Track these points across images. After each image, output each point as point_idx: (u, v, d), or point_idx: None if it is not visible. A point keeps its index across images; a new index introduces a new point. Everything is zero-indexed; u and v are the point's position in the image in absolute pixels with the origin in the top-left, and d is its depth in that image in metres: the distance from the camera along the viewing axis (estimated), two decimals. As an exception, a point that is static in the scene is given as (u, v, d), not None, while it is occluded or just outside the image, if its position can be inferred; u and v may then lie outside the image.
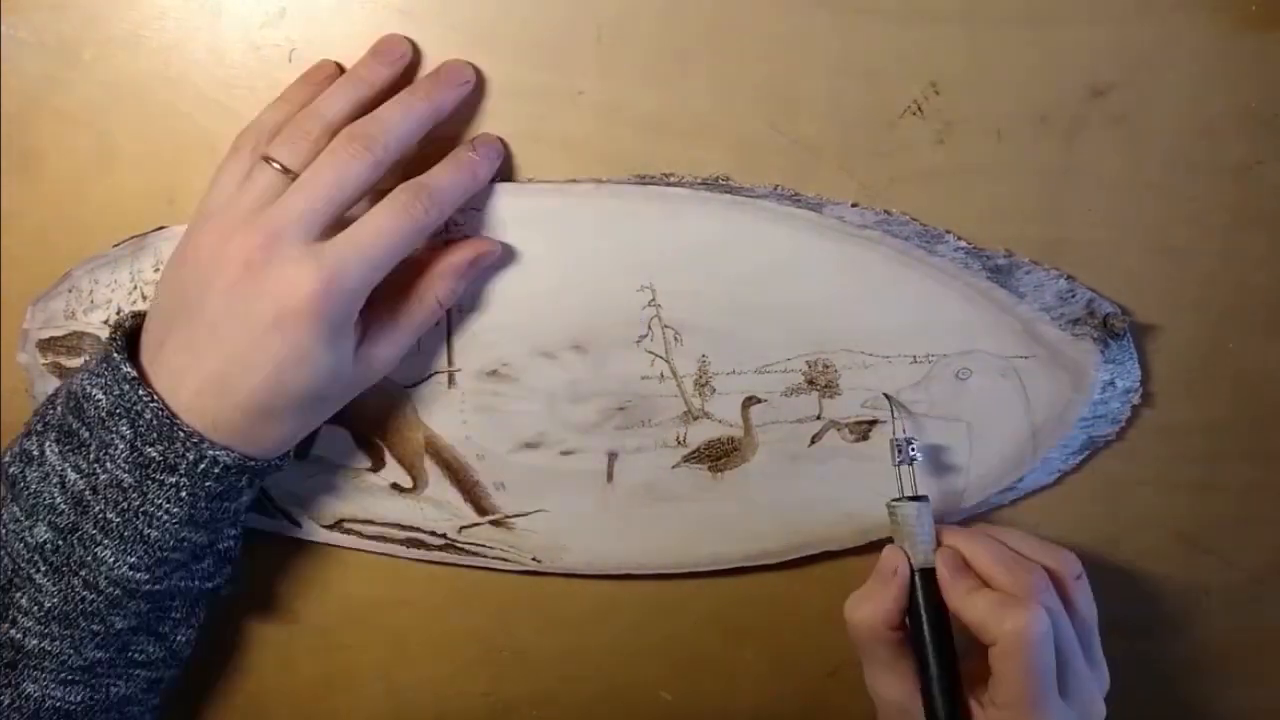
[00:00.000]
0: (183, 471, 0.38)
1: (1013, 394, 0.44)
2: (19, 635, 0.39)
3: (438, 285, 0.41)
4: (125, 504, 0.38)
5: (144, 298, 0.44)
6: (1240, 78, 0.41)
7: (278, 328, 0.36)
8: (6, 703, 0.39)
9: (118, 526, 0.38)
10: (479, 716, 0.52)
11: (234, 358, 0.37)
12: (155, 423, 0.37)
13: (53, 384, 0.46)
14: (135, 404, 0.37)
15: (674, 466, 0.46)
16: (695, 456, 0.46)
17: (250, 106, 0.42)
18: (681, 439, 0.46)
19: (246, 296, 0.36)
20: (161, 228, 0.44)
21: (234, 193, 0.38)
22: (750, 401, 0.45)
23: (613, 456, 0.46)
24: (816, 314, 0.44)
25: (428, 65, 0.42)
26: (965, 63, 0.41)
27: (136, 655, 0.42)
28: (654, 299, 0.44)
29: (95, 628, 0.40)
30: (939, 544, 0.42)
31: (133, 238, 0.44)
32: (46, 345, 0.46)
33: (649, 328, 0.44)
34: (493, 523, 0.48)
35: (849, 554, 0.48)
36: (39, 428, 0.39)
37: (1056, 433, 0.45)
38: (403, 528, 0.48)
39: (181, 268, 0.38)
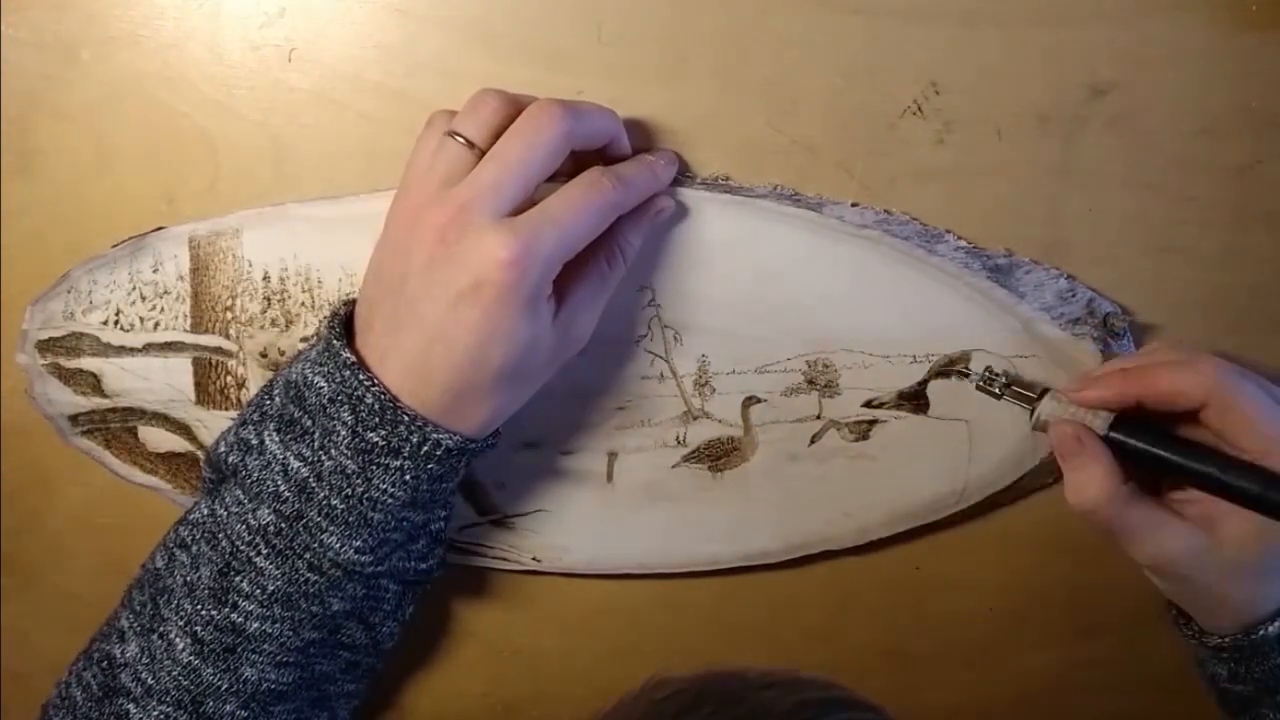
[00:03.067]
0: (406, 455, 0.37)
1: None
2: (240, 619, 0.39)
3: (621, 239, 0.41)
4: (350, 490, 0.37)
5: (143, 298, 0.44)
6: (1240, 77, 0.41)
7: (476, 301, 0.36)
8: (225, 687, 0.39)
9: (343, 513, 0.38)
10: (478, 716, 0.52)
11: (435, 335, 0.36)
12: (377, 407, 0.37)
13: (53, 385, 0.46)
14: (356, 389, 0.37)
15: (674, 466, 0.46)
16: (695, 456, 0.46)
17: (249, 106, 0.42)
18: (681, 439, 0.46)
19: (442, 271, 0.36)
20: (160, 228, 0.44)
21: (425, 170, 0.38)
22: (750, 401, 0.45)
23: (613, 456, 0.46)
24: (816, 314, 0.44)
25: (430, 69, 0.41)
26: (965, 63, 0.41)
27: (345, 638, 0.42)
28: (654, 299, 0.44)
29: (314, 609, 0.39)
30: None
31: (131, 238, 0.44)
32: (45, 346, 0.45)
33: (649, 328, 0.44)
34: (493, 522, 0.47)
35: (849, 553, 0.48)
36: (256, 417, 0.39)
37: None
38: (402, 528, 0.48)
39: (383, 249, 0.38)
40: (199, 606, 0.39)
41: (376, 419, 0.37)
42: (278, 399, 0.39)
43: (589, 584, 0.49)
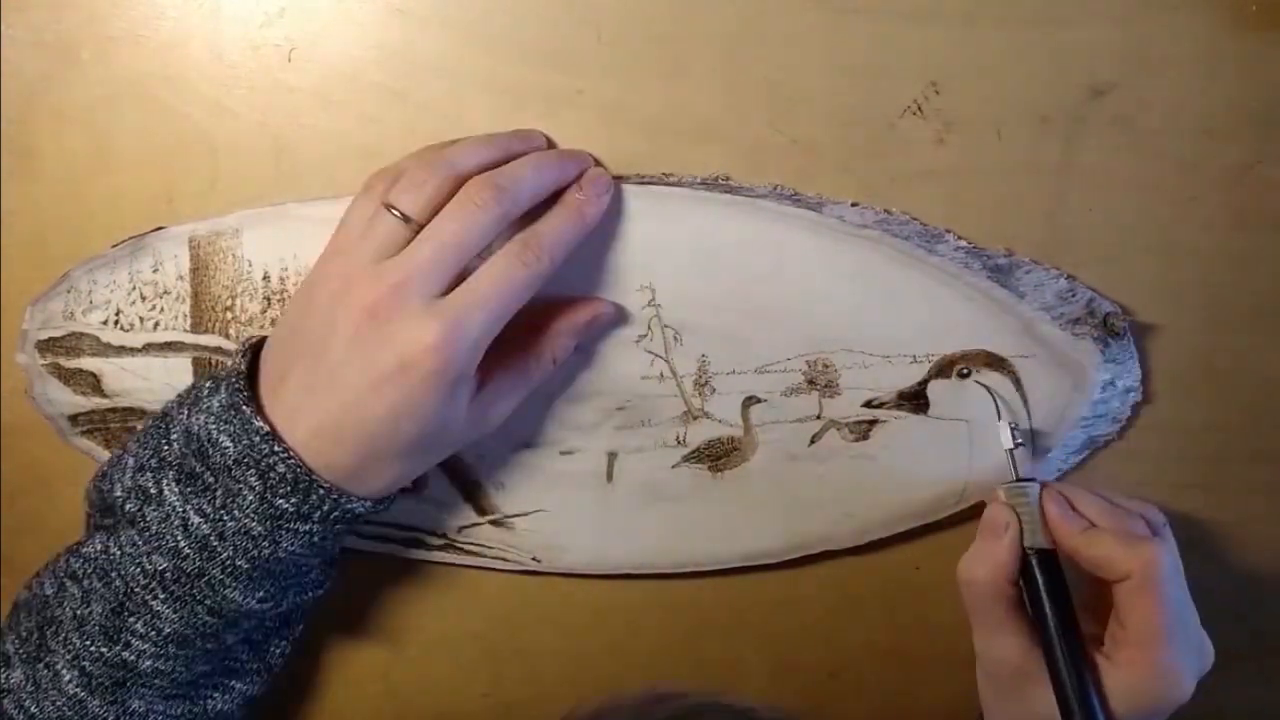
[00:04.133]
0: (316, 520, 0.38)
1: (1013, 393, 0.44)
2: (132, 657, 0.39)
3: (554, 343, 0.42)
4: (255, 552, 0.38)
5: (143, 298, 0.44)
6: (1241, 78, 0.41)
7: (397, 380, 0.36)
8: (111, 718, 0.39)
9: (246, 571, 0.38)
10: (479, 716, 0.52)
11: (351, 404, 0.37)
12: (290, 477, 0.37)
13: (53, 385, 0.46)
14: (267, 457, 0.37)
15: (674, 466, 0.46)
16: (695, 456, 0.46)
17: (249, 106, 0.42)
18: (681, 439, 0.46)
19: (368, 346, 0.37)
20: (160, 228, 0.44)
21: (360, 236, 0.38)
22: (750, 401, 0.45)
23: (612, 456, 0.46)
24: (816, 314, 0.44)
25: (430, 69, 0.42)
26: (965, 63, 0.41)
27: (233, 665, 0.43)
28: (654, 299, 0.44)
29: (209, 646, 0.40)
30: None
31: (131, 238, 0.44)
32: (45, 346, 0.45)
33: (649, 327, 0.44)
34: (493, 523, 0.47)
35: (849, 554, 0.48)
36: (154, 463, 0.39)
37: (1057, 432, 0.45)
38: (402, 528, 0.48)
39: (307, 306, 0.38)
40: (88, 642, 0.39)
41: (288, 488, 0.37)
42: (176, 446, 0.39)
43: (589, 584, 0.49)
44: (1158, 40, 0.41)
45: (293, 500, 0.37)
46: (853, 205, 0.42)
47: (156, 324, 0.45)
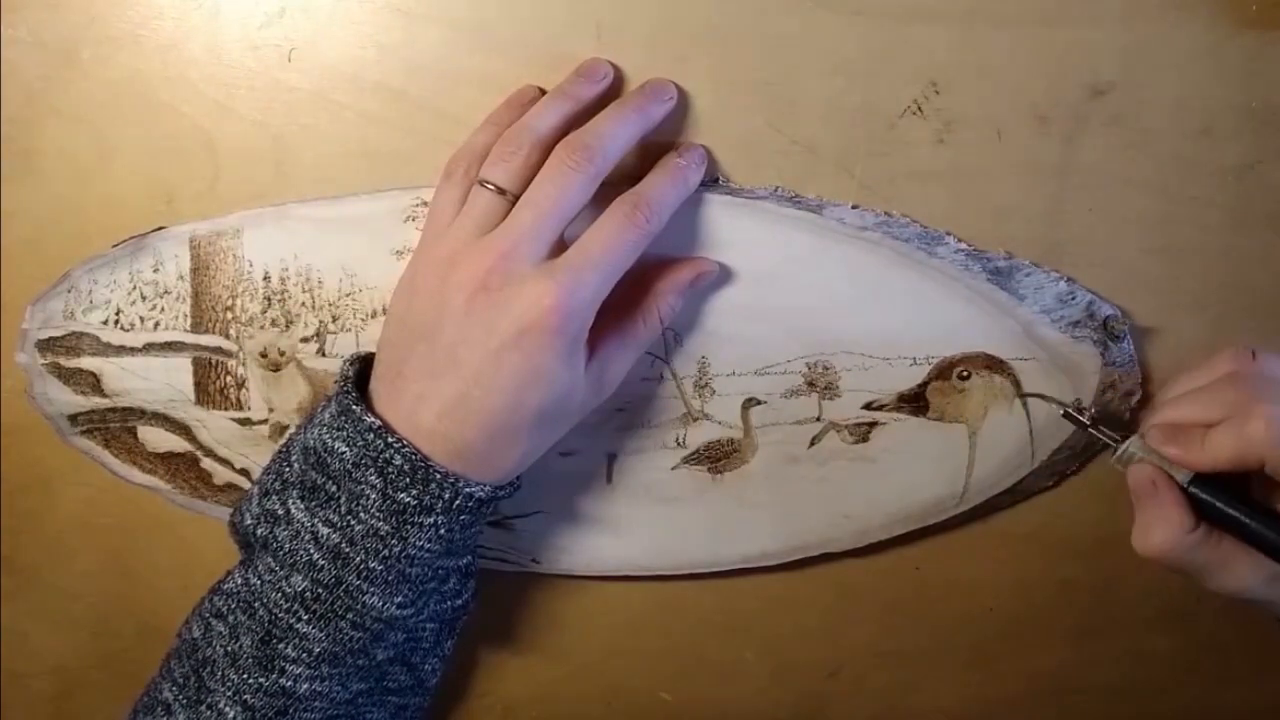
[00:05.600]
0: (439, 510, 0.38)
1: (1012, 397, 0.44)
2: (289, 683, 0.39)
3: (661, 301, 0.42)
4: (386, 551, 0.38)
5: (143, 297, 0.44)
6: (1241, 78, 0.41)
7: (518, 346, 0.37)
8: None
9: (381, 573, 0.38)
10: (479, 717, 0.52)
11: (475, 379, 0.37)
12: (407, 468, 0.37)
13: (53, 385, 0.46)
14: (383, 452, 0.37)
15: (673, 468, 0.46)
16: (695, 458, 0.46)
17: (249, 106, 0.42)
18: (681, 440, 0.46)
19: (484, 318, 0.37)
20: (160, 228, 0.44)
21: (454, 218, 0.39)
22: (750, 403, 0.45)
23: (612, 458, 0.46)
24: (816, 316, 0.44)
25: (430, 69, 0.42)
26: (965, 62, 0.41)
27: (390, 684, 0.43)
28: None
29: (360, 662, 0.40)
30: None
31: (132, 238, 0.44)
32: (45, 345, 0.45)
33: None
34: (492, 523, 0.47)
35: (849, 555, 0.48)
36: (277, 486, 0.39)
37: (1057, 434, 0.45)
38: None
39: (413, 297, 0.39)
40: (245, 675, 0.39)
41: (407, 479, 0.37)
42: (296, 465, 0.39)
43: (589, 585, 0.49)
44: (1158, 40, 0.41)
45: (413, 492, 0.37)
46: (853, 207, 0.42)
47: (157, 324, 0.45)
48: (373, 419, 0.37)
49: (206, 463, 0.47)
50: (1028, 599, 0.49)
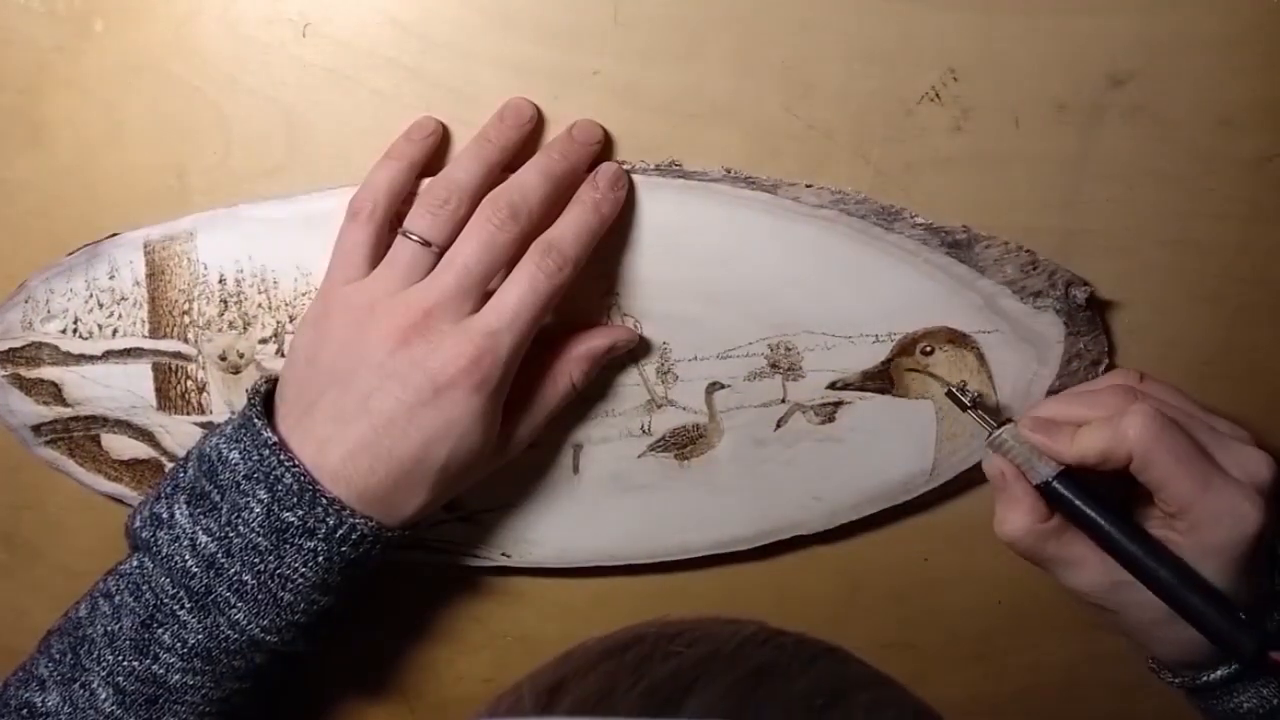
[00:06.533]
0: (321, 536, 0.38)
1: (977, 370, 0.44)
2: (161, 671, 0.39)
3: (574, 368, 0.42)
4: (262, 565, 0.38)
5: (100, 305, 0.44)
6: (1260, 69, 0.41)
7: (434, 403, 0.37)
8: None
9: (253, 588, 0.38)
10: (452, 708, 0.52)
11: (386, 429, 0.37)
12: (296, 488, 0.37)
13: (15, 396, 0.45)
14: (275, 469, 0.37)
15: (640, 456, 0.46)
16: (661, 445, 0.46)
17: (262, 81, 0.42)
18: (646, 428, 0.45)
19: (402, 372, 0.37)
20: (114, 234, 0.43)
21: (363, 261, 0.39)
22: (714, 387, 0.45)
23: (578, 448, 0.46)
24: (776, 296, 0.43)
25: (445, 47, 0.41)
26: (984, 49, 0.41)
27: (269, 685, 0.42)
28: (612, 288, 0.43)
29: (236, 664, 0.39)
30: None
31: (86, 245, 0.43)
32: (6, 357, 0.45)
33: (608, 317, 0.44)
34: (459, 519, 0.47)
35: (855, 545, 0.48)
36: (169, 490, 0.39)
37: (1023, 406, 0.44)
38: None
39: (324, 340, 0.39)
40: (120, 657, 0.39)
41: (294, 499, 0.37)
42: (190, 471, 0.39)
43: (572, 578, 0.49)
44: (1177, 30, 0.40)
45: (298, 513, 0.37)
46: (807, 186, 0.42)
47: (115, 330, 0.44)
48: (270, 434, 0.38)
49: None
50: (1037, 591, 0.48)
